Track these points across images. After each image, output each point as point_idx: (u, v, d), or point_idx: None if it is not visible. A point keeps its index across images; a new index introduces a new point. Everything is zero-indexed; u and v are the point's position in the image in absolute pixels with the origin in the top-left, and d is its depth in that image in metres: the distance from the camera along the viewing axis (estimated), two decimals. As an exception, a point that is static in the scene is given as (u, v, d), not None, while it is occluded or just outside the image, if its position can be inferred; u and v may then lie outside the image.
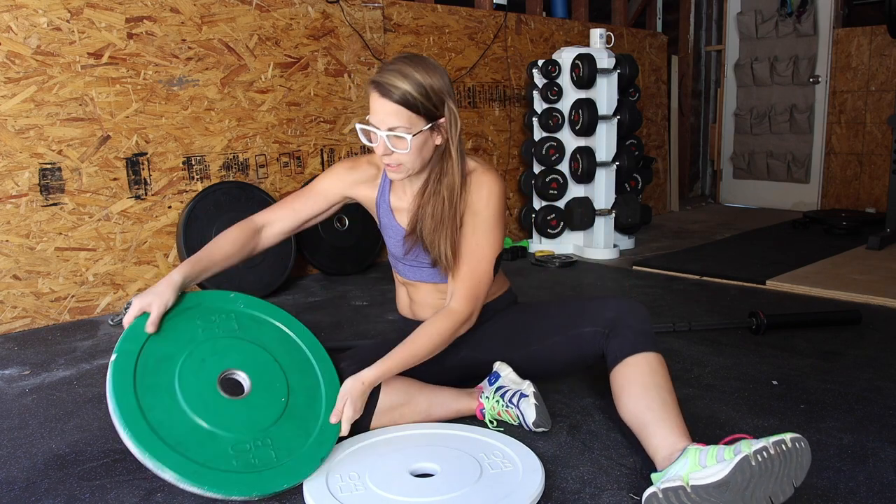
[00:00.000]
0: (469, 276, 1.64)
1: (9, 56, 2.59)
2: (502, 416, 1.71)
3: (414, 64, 1.54)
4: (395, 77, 1.51)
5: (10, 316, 2.67)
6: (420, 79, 1.52)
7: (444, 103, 1.56)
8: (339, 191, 1.81)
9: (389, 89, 1.51)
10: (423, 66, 1.54)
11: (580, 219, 3.89)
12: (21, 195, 2.66)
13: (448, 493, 1.38)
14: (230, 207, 3.11)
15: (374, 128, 1.56)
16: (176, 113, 3.02)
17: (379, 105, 1.53)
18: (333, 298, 3.09)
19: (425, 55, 1.65)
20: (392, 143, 1.55)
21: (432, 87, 1.53)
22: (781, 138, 5.56)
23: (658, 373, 1.53)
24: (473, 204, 1.65)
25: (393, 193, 1.77)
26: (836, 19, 5.21)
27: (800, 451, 1.25)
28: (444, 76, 1.57)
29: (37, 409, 1.94)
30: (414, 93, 1.51)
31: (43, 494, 1.48)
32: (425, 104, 1.53)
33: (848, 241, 4.07)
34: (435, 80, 1.54)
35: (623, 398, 1.52)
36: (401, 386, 1.68)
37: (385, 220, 1.80)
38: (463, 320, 1.64)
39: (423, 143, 1.58)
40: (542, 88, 3.97)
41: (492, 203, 1.65)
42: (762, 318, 2.43)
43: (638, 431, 1.48)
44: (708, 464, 1.26)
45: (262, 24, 3.24)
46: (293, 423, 1.52)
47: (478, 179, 1.65)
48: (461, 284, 1.64)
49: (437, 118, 1.57)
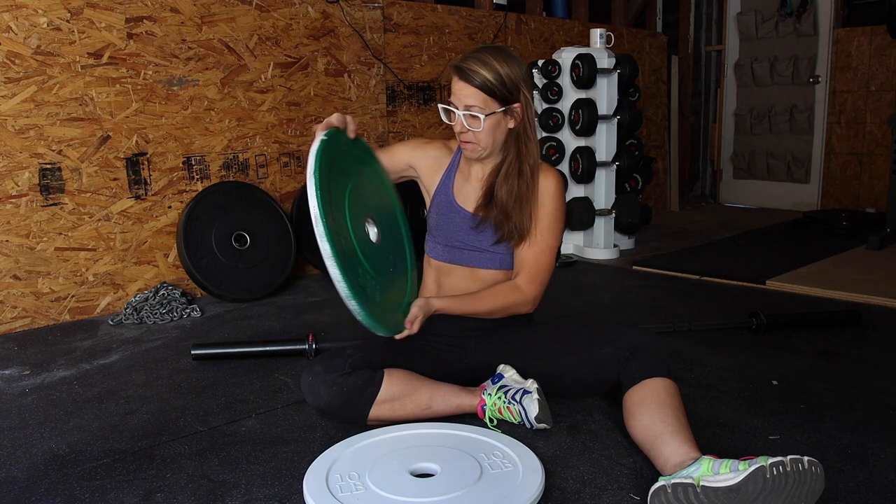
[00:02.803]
0: (535, 261, 1.77)
1: (9, 56, 2.59)
2: (503, 413, 1.72)
3: (493, 53, 1.67)
4: (474, 63, 1.65)
5: (10, 316, 2.67)
6: (497, 66, 1.65)
7: (520, 90, 1.68)
8: (406, 157, 1.91)
9: (469, 73, 1.65)
10: (502, 55, 1.67)
11: (580, 219, 3.89)
12: (21, 195, 2.66)
13: (448, 493, 1.38)
14: (230, 207, 3.11)
15: (453, 107, 1.70)
16: (176, 113, 3.02)
17: (458, 87, 1.68)
18: (333, 298, 3.09)
19: (505, 46, 1.74)
20: (468, 122, 1.69)
21: (508, 75, 1.65)
22: (781, 138, 5.56)
23: (674, 396, 1.56)
24: (541, 195, 1.77)
25: (459, 176, 1.85)
26: (836, 19, 5.21)
27: (815, 475, 1.24)
28: (521, 67, 1.69)
29: (37, 409, 1.94)
30: (490, 78, 1.64)
31: (43, 494, 1.48)
32: (500, 89, 1.65)
33: (848, 241, 4.07)
34: (512, 69, 1.66)
35: (637, 414, 1.54)
36: (403, 378, 1.70)
37: (442, 198, 1.86)
38: (526, 300, 1.77)
39: (497, 125, 1.70)
40: (542, 88, 3.96)
41: (558, 196, 1.78)
42: (762, 318, 2.43)
43: (650, 442, 1.48)
44: (721, 472, 1.26)
45: (262, 24, 3.24)
46: (393, 287, 1.70)
47: (545, 173, 1.78)
48: (528, 267, 1.77)
49: (512, 103, 1.69)
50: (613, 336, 1.72)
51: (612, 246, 3.97)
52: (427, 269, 1.93)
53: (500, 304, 1.76)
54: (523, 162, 1.74)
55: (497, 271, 1.82)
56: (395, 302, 1.70)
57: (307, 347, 2.25)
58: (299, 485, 1.46)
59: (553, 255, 1.79)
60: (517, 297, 1.76)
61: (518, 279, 1.77)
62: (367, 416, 1.67)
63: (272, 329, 2.66)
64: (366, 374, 1.67)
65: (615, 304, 2.95)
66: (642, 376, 1.59)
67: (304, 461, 1.56)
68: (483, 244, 1.80)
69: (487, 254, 1.81)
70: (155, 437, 1.74)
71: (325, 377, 1.65)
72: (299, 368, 2.18)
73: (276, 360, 2.27)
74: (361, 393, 1.65)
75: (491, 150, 1.74)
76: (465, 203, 1.82)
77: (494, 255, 1.81)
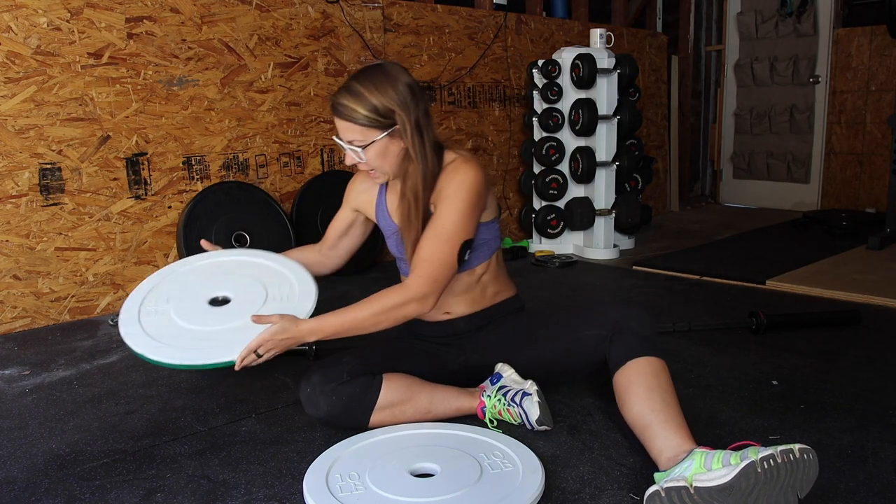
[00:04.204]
0: (429, 257, 1.63)
1: (9, 56, 2.59)
2: (503, 415, 1.71)
3: (365, 80, 1.64)
4: (345, 97, 1.64)
5: (10, 316, 2.67)
6: (368, 96, 1.62)
7: (394, 112, 1.63)
8: (346, 211, 1.98)
9: (340, 109, 1.65)
10: (374, 80, 1.64)
11: (580, 219, 3.89)
12: (21, 195, 2.66)
13: (448, 493, 1.38)
14: (230, 207, 3.11)
15: (339, 141, 1.70)
16: (176, 113, 3.02)
17: (337, 123, 1.68)
18: (333, 298, 3.08)
19: (386, 62, 1.76)
20: (353, 154, 1.69)
21: (381, 103, 1.62)
22: (781, 138, 5.56)
23: (661, 376, 1.53)
24: (443, 190, 1.68)
25: (390, 194, 1.86)
26: (836, 19, 5.21)
27: (807, 462, 1.24)
28: (397, 85, 1.64)
29: (37, 409, 1.94)
30: (361, 110, 1.62)
31: (43, 494, 1.48)
32: (372, 118, 1.63)
33: (848, 241, 4.06)
34: (385, 94, 1.62)
35: (626, 401, 1.53)
36: (402, 382, 1.69)
37: (382, 221, 1.89)
38: (415, 297, 1.61)
39: (384, 150, 1.68)
40: (542, 88, 3.97)
41: (462, 188, 1.66)
42: (762, 318, 2.43)
43: (641, 433, 1.48)
44: (713, 467, 1.26)
45: (262, 24, 3.24)
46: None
47: (453, 169, 1.70)
48: (420, 263, 1.64)
49: (391, 126, 1.65)
50: (596, 316, 1.67)
51: (612, 246, 3.97)
52: None
53: (381, 310, 1.60)
54: (406, 184, 1.70)
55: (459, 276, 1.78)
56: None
57: (307, 347, 2.25)
58: (299, 485, 1.47)
59: (455, 249, 1.64)
60: (405, 297, 1.60)
61: (409, 279, 1.64)
62: (368, 423, 1.67)
63: (272, 329, 2.66)
64: (364, 381, 1.65)
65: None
66: (626, 357, 1.56)
67: (304, 461, 1.56)
68: None
69: None
70: (155, 437, 1.74)
71: (323, 387, 1.63)
72: (299, 368, 2.18)
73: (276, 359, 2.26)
74: (361, 401, 1.64)
75: (394, 173, 1.72)
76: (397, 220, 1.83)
77: None
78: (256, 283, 1.79)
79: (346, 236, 2.01)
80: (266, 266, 1.88)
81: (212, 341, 1.60)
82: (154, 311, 1.71)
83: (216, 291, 1.78)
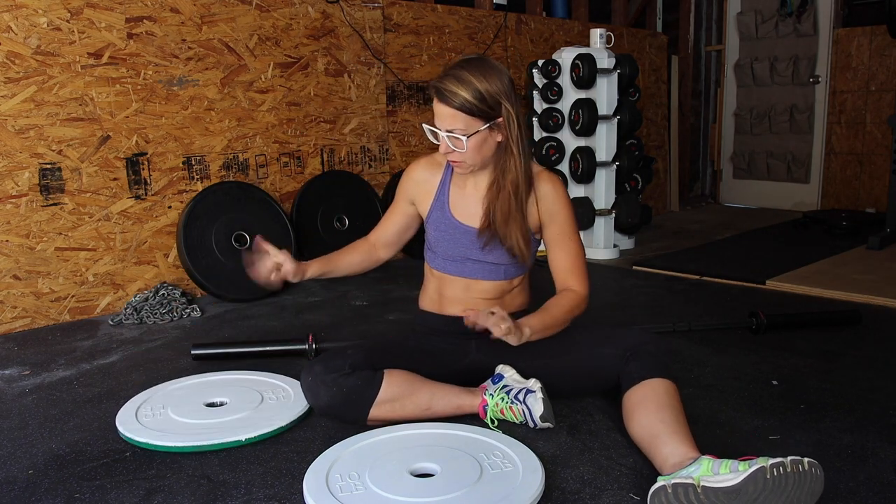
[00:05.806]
0: (574, 265, 1.79)
1: (9, 56, 2.59)
2: (506, 413, 1.71)
3: (472, 68, 1.62)
4: (452, 83, 1.60)
5: (10, 316, 2.67)
6: (476, 83, 1.60)
7: (501, 104, 1.63)
8: (404, 203, 1.92)
9: (447, 95, 1.60)
10: (481, 69, 1.62)
11: (580, 219, 3.89)
12: (21, 195, 2.66)
13: (448, 493, 1.38)
14: (230, 207, 3.11)
15: (436, 129, 1.66)
16: (176, 113, 3.02)
17: (439, 109, 1.64)
18: (333, 298, 3.09)
19: (487, 56, 1.72)
20: (452, 143, 1.65)
21: (488, 91, 1.60)
22: (781, 138, 5.56)
23: (673, 396, 1.56)
24: (550, 204, 1.76)
25: (454, 189, 1.82)
26: (836, 19, 5.21)
27: (814, 476, 1.24)
28: (503, 77, 1.64)
29: (37, 409, 1.94)
30: (470, 98, 1.59)
31: (43, 494, 1.48)
32: (480, 107, 1.61)
33: (848, 241, 4.06)
34: (492, 83, 1.61)
35: (636, 415, 1.54)
36: (403, 378, 1.70)
37: (438, 215, 1.84)
38: (584, 297, 1.78)
39: (482, 142, 1.66)
40: (542, 88, 3.96)
41: (564, 197, 1.79)
42: (762, 318, 2.43)
43: (649, 442, 1.48)
44: (721, 472, 1.26)
45: (262, 24, 3.24)
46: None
47: (546, 179, 1.76)
48: (572, 273, 1.79)
49: (495, 118, 1.64)
50: (613, 336, 1.73)
51: (612, 246, 3.97)
52: (428, 278, 1.93)
53: (567, 310, 1.74)
54: (506, 178, 1.71)
55: (499, 282, 1.83)
56: None
57: (307, 347, 2.25)
58: (299, 485, 1.46)
59: (583, 250, 1.84)
60: (579, 299, 1.77)
61: (568, 283, 1.79)
62: (367, 416, 1.67)
63: (272, 329, 2.66)
64: (366, 375, 1.67)
65: (615, 304, 2.95)
66: (641, 377, 1.59)
67: (304, 461, 1.56)
68: (487, 257, 1.80)
69: (491, 266, 1.81)
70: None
71: (324, 377, 1.66)
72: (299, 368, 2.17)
73: (276, 360, 2.27)
74: (361, 393, 1.65)
75: (481, 166, 1.73)
76: (466, 219, 1.81)
77: (499, 267, 1.82)
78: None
79: (408, 230, 1.95)
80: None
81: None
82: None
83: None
